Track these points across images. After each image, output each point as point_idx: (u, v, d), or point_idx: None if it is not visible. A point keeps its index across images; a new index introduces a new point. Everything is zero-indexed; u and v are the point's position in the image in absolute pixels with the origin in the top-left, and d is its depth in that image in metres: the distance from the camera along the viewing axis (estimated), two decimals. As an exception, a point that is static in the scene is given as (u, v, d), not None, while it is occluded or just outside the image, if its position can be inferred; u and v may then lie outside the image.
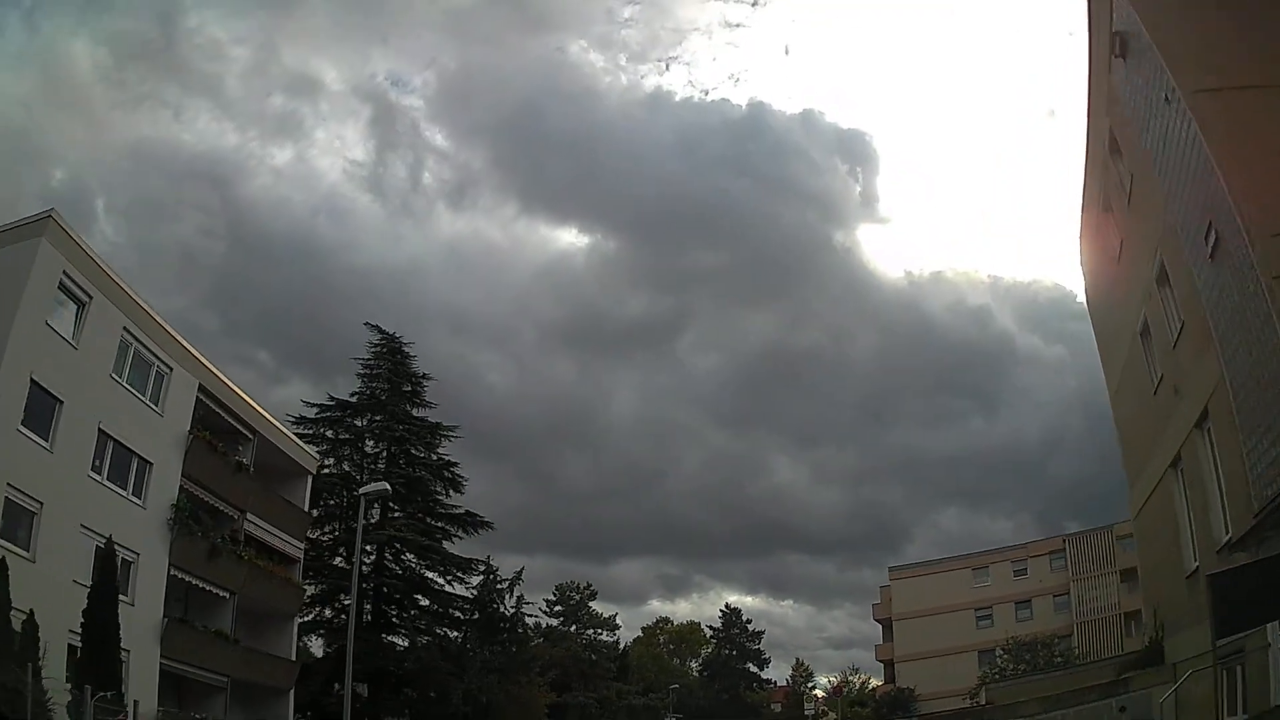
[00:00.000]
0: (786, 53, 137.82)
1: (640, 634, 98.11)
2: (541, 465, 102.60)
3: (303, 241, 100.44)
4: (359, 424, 40.74)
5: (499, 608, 42.90)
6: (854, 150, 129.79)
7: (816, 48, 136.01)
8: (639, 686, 73.76)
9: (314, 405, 40.72)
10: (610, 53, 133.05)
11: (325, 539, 38.98)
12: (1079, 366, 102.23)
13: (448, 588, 41.30)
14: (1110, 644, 50.58)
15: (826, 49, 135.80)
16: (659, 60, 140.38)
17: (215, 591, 29.39)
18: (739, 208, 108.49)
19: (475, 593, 42.36)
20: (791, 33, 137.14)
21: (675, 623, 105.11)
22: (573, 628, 74.28)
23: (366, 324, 42.18)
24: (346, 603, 34.21)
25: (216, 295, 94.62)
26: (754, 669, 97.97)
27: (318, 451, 37.77)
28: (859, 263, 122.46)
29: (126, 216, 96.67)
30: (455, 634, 41.84)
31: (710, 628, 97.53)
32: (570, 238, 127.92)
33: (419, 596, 40.37)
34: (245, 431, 32.00)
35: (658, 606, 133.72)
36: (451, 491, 42.05)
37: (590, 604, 79.44)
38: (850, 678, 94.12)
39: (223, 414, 30.61)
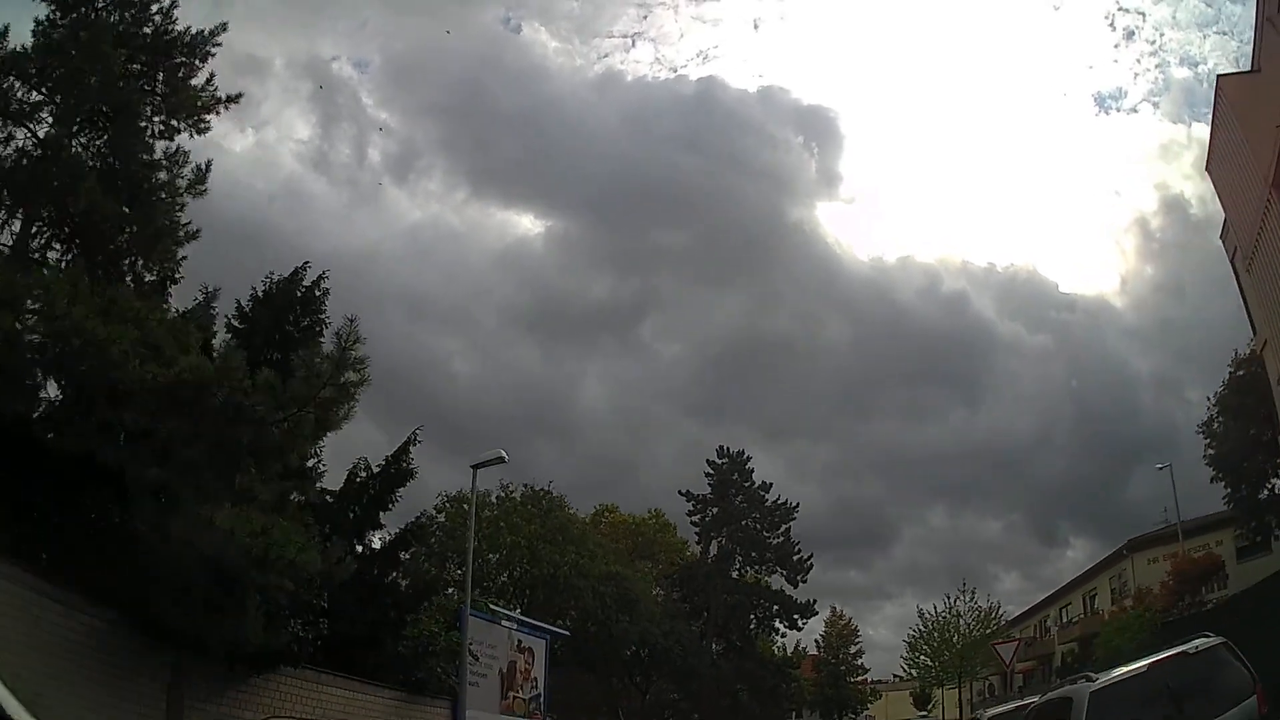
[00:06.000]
0: (755, 28, 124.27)
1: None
2: (511, 457, 71.93)
3: (259, 227, 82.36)
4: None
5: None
6: (813, 125, 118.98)
7: (787, 24, 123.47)
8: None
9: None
10: (569, 29, 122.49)
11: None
12: (1066, 357, 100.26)
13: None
14: None
15: (798, 25, 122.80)
16: (624, 36, 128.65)
17: None
18: (694, 185, 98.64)
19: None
20: (761, 8, 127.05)
21: (626, 514, 56.44)
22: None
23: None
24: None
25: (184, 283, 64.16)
26: (778, 581, 49.43)
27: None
28: (822, 244, 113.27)
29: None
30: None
31: (689, 496, 49.08)
32: (528, 222, 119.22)
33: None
34: None
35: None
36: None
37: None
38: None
39: None
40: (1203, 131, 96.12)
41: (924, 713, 62.39)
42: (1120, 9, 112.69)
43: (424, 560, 34.42)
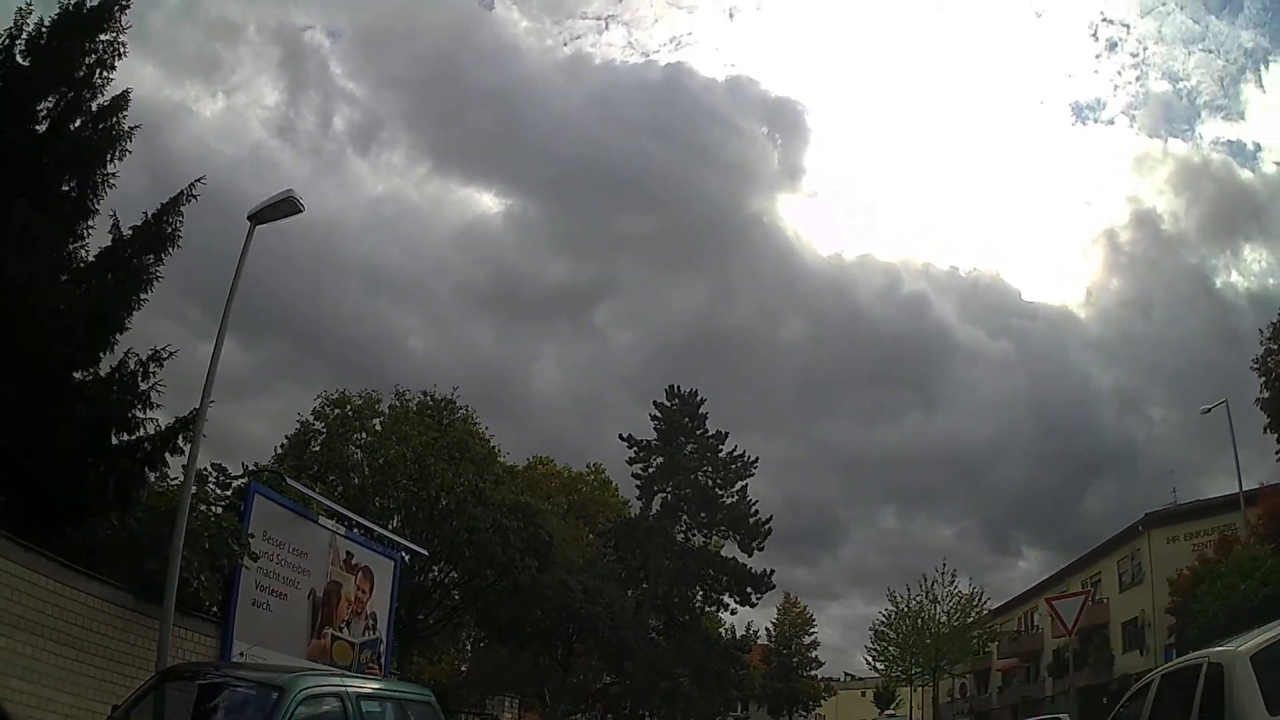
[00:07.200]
0: (730, 17, 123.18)
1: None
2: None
3: (225, 193, 63.80)
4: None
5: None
6: (779, 117, 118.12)
7: (763, 14, 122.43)
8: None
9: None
10: (541, 8, 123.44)
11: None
12: (1026, 366, 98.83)
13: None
14: None
15: (773, 17, 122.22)
16: (597, 18, 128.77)
17: None
18: (657, 171, 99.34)
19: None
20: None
21: (561, 466, 48.88)
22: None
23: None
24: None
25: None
26: (730, 548, 42.53)
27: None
28: (782, 237, 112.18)
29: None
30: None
31: (631, 441, 41.57)
32: (488, 200, 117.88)
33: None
34: None
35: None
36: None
37: None
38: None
39: None
40: (1179, 147, 79.30)
41: (890, 711, 55.56)
42: (1104, 20, 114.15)
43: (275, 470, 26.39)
